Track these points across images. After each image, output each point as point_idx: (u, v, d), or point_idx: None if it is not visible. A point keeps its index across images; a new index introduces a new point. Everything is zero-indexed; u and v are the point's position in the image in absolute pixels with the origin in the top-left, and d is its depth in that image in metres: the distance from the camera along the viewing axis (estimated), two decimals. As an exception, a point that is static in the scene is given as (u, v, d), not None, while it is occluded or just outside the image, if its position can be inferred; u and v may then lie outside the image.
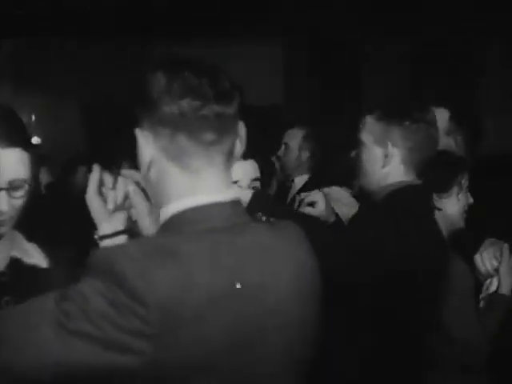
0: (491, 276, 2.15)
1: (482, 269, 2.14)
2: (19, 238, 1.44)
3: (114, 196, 1.28)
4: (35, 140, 6.98)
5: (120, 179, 1.28)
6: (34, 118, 6.92)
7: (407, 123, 1.89)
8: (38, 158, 1.40)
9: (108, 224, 1.27)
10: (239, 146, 1.16)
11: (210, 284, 1.01)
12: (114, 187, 1.28)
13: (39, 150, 6.35)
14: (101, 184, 1.28)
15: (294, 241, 1.17)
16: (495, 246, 2.16)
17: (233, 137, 1.13)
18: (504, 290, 2.11)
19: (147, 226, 1.28)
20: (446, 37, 6.08)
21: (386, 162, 1.91)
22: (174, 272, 0.99)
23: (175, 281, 0.98)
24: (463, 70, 6.37)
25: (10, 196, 1.29)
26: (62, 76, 6.57)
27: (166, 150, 1.10)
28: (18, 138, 1.30)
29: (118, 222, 1.28)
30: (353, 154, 2.00)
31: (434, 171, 2.08)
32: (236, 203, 1.13)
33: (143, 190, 1.28)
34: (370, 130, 1.93)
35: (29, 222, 1.43)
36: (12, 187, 1.29)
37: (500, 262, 2.12)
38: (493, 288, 2.14)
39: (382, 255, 1.72)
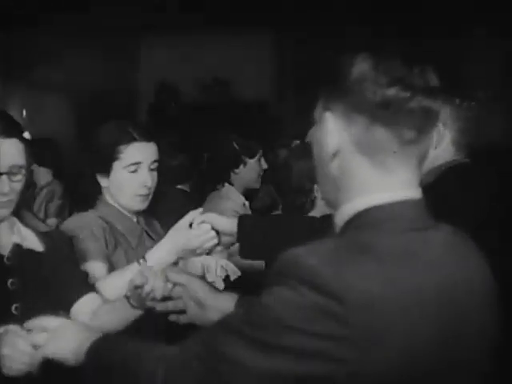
0: None
1: None
2: (17, 223, 1.59)
3: None
4: (26, 135, 6.96)
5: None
6: (24, 113, 6.92)
7: (458, 101, 1.81)
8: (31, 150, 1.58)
9: None
10: (430, 150, 1.05)
11: (406, 282, 0.93)
12: None
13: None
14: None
15: (474, 247, 1.09)
16: None
17: (430, 138, 1.02)
18: None
19: None
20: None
21: (436, 143, 1.79)
22: (369, 269, 0.92)
23: (371, 278, 0.91)
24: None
25: (10, 180, 1.47)
26: (53, 71, 6.56)
27: (358, 141, 0.99)
28: (14, 130, 1.52)
29: None
30: None
31: None
32: (423, 203, 1.04)
33: None
34: None
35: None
36: (12, 172, 1.48)
37: None
38: None
39: None
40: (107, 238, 1.84)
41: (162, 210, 2.02)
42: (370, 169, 1.00)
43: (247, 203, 3.24)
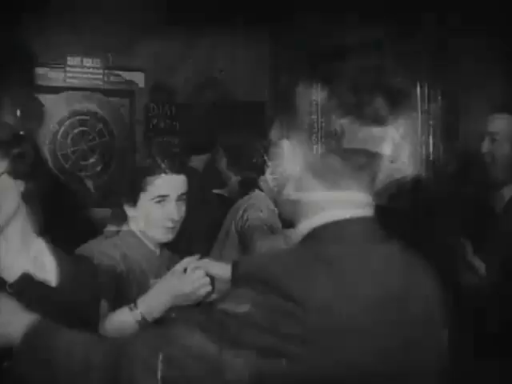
0: None
1: None
2: (41, 248, 1.45)
3: None
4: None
5: None
6: (19, 113, 6.90)
7: (415, 115, 1.87)
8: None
9: None
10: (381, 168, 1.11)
11: (355, 290, 0.99)
12: None
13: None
14: None
15: (421, 261, 1.15)
16: None
17: (381, 159, 1.10)
18: None
19: None
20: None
21: (395, 157, 1.85)
22: (324, 276, 0.98)
23: (325, 285, 0.97)
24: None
25: None
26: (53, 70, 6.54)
27: (312, 167, 1.07)
28: None
29: None
30: None
31: None
32: (375, 220, 1.11)
33: None
34: None
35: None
36: None
37: None
38: None
39: None
40: (120, 270, 1.79)
41: (199, 214, 1.98)
42: (324, 190, 1.07)
43: (276, 210, 3.19)
